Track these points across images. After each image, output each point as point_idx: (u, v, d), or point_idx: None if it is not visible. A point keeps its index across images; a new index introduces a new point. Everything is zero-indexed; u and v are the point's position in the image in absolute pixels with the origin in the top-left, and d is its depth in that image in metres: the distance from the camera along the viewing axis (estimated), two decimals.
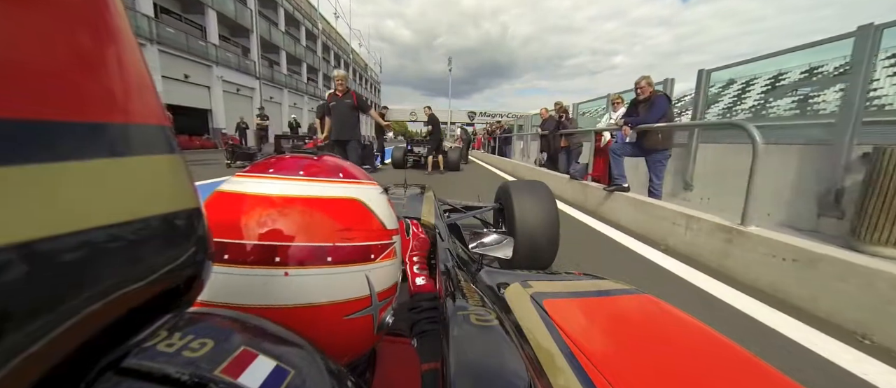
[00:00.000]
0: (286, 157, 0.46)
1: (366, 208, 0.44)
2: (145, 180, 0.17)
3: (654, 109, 3.73)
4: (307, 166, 0.44)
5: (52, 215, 0.13)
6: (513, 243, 1.81)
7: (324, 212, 0.41)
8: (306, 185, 0.42)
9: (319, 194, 0.42)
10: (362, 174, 0.49)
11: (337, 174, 0.45)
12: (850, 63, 3.31)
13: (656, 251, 2.91)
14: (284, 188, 0.41)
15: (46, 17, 0.14)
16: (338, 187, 0.43)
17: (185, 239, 0.19)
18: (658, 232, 3.20)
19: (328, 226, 0.40)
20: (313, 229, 0.40)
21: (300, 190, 0.41)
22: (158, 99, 0.19)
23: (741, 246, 2.38)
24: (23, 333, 0.13)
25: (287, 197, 0.40)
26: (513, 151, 12.54)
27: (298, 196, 0.41)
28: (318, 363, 0.28)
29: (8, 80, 0.12)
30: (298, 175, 0.43)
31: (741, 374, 0.50)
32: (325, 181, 0.43)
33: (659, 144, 3.79)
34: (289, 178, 0.42)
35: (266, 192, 0.40)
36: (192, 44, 16.85)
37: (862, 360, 1.45)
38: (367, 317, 0.43)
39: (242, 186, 0.41)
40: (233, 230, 0.38)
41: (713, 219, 2.70)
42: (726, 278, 2.32)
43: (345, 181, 0.44)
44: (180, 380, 0.21)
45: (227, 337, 0.26)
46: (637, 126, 3.85)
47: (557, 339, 0.53)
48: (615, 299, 0.72)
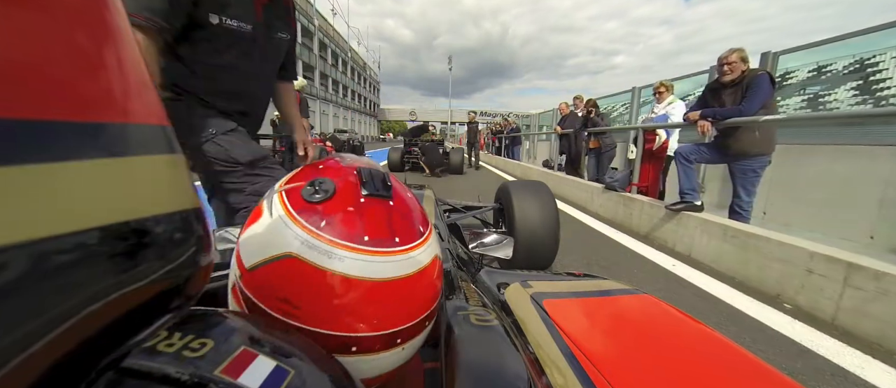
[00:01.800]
0: (363, 206, 0.37)
1: (441, 261, 0.42)
2: (145, 180, 0.17)
3: (754, 95, 2.51)
4: (395, 226, 0.38)
5: (53, 215, 0.13)
6: (513, 243, 1.81)
7: (426, 283, 0.39)
8: (402, 260, 0.36)
9: (419, 265, 0.38)
10: (421, 208, 0.44)
11: (418, 230, 0.39)
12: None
13: (780, 314, 1.82)
14: (386, 271, 0.35)
15: (47, 17, 0.14)
16: (422, 253, 0.39)
17: (184, 239, 0.19)
18: (770, 279, 2.08)
19: (429, 295, 0.39)
20: (420, 303, 0.38)
21: (398, 270, 0.36)
22: (159, 99, 0.19)
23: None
24: (23, 333, 0.13)
25: (394, 281, 0.36)
26: (521, 152, 11.41)
27: (407, 275, 0.36)
28: (318, 363, 0.28)
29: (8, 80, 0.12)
30: (395, 245, 0.36)
31: (741, 374, 0.50)
32: (413, 248, 0.38)
33: (755, 146, 2.58)
34: (388, 252, 0.36)
35: (369, 276, 0.34)
36: None
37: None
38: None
39: (344, 264, 0.34)
40: (334, 321, 0.34)
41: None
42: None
43: (426, 239, 0.40)
44: (180, 380, 0.21)
45: (227, 337, 0.26)
46: (723, 120, 2.66)
47: (557, 339, 0.53)
48: (615, 300, 0.72)
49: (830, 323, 1.75)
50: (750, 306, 1.89)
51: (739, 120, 2.57)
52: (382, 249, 0.35)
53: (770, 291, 2.07)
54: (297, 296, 0.34)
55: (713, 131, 2.81)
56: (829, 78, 3.59)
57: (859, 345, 1.57)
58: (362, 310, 0.35)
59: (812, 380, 1.35)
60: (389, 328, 0.36)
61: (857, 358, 1.48)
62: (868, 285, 1.64)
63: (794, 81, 3.88)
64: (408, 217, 0.40)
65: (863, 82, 3.29)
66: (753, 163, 2.64)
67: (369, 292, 0.34)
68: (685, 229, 2.86)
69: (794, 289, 1.94)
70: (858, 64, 3.32)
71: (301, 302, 0.34)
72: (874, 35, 3.08)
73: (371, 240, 0.35)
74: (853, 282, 1.69)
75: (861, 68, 3.29)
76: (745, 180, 2.69)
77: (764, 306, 1.90)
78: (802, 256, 1.93)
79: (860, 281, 1.67)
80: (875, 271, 1.62)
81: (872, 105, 3.21)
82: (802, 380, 1.34)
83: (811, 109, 3.74)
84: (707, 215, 2.75)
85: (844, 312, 1.72)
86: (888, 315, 1.56)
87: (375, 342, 0.36)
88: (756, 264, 2.18)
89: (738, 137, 2.64)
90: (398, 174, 2.23)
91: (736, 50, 2.67)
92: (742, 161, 2.67)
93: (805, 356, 1.49)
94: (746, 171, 2.67)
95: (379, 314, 0.35)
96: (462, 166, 8.77)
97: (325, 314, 0.34)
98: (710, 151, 2.84)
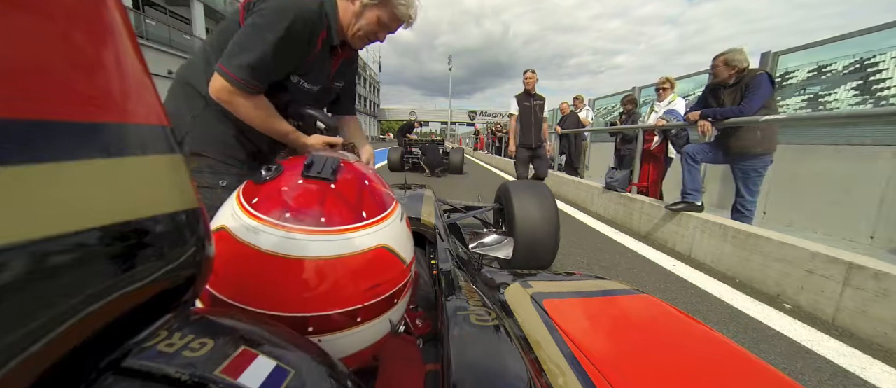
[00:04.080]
0: (299, 186, 0.39)
1: (391, 254, 0.40)
2: (145, 180, 0.17)
3: (753, 95, 2.54)
4: (327, 206, 0.38)
5: (53, 215, 0.13)
6: (513, 243, 1.81)
7: (352, 272, 0.37)
8: (331, 240, 0.37)
9: (346, 251, 0.37)
10: (380, 197, 0.43)
11: (360, 214, 0.39)
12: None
13: (780, 314, 1.83)
14: (308, 249, 0.35)
15: (47, 18, 0.14)
16: (364, 236, 0.38)
17: (184, 239, 0.19)
18: (770, 279, 2.09)
19: (357, 287, 0.37)
20: (342, 293, 0.37)
21: (325, 250, 0.36)
22: (159, 99, 0.19)
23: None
24: (23, 333, 0.13)
25: (315, 261, 0.35)
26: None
27: (325, 258, 0.36)
28: (318, 363, 0.28)
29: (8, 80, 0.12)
30: (320, 225, 0.37)
31: (741, 374, 0.50)
32: (349, 230, 0.38)
33: (756, 146, 2.60)
34: (311, 230, 0.36)
35: (290, 253, 0.35)
36: (177, 38, 16.07)
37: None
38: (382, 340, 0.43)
39: (257, 237, 0.35)
40: (261, 298, 0.35)
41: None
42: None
43: (369, 224, 0.39)
44: (180, 380, 0.21)
45: (227, 337, 0.26)
46: (724, 120, 2.67)
47: (557, 339, 0.53)
48: (615, 299, 0.72)
49: (831, 323, 1.76)
50: (750, 307, 1.90)
51: (739, 120, 2.60)
52: (303, 226, 0.35)
53: (770, 291, 2.08)
54: (224, 268, 0.34)
55: (714, 131, 2.82)
56: (829, 78, 3.59)
57: (860, 345, 1.57)
58: (285, 286, 0.34)
59: (812, 380, 1.35)
60: (321, 308, 0.35)
61: (857, 358, 1.48)
62: (868, 285, 1.65)
63: (794, 81, 3.89)
64: (348, 201, 0.39)
65: (863, 82, 3.30)
66: (756, 162, 2.65)
67: (289, 268, 0.34)
68: (685, 229, 2.86)
69: (795, 289, 1.96)
70: (858, 64, 3.33)
71: (227, 273, 0.34)
72: (874, 35, 3.08)
73: (292, 217, 0.35)
74: (853, 282, 1.71)
75: (861, 68, 3.30)
76: (747, 180, 2.70)
77: (764, 306, 1.91)
78: (803, 256, 1.94)
79: (860, 281, 1.68)
80: (875, 271, 1.63)
81: (872, 105, 3.21)
82: (802, 380, 1.34)
83: (811, 109, 3.73)
84: (707, 215, 2.74)
85: (845, 312, 1.72)
86: (888, 315, 1.57)
87: (321, 321, 0.36)
88: (756, 264, 2.18)
89: (740, 137, 2.66)
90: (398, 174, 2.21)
91: (736, 50, 2.68)
92: (745, 161, 2.67)
93: (805, 356, 1.49)
94: (749, 171, 2.68)
95: (304, 291, 0.35)
96: (462, 166, 8.74)
97: (250, 289, 0.34)
98: (714, 152, 2.84)
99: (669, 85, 4.03)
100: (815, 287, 1.86)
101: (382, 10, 0.97)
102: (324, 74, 1.06)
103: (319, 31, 0.95)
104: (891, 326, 1.55)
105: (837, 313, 1.75)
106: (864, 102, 3.30)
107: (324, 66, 1.04)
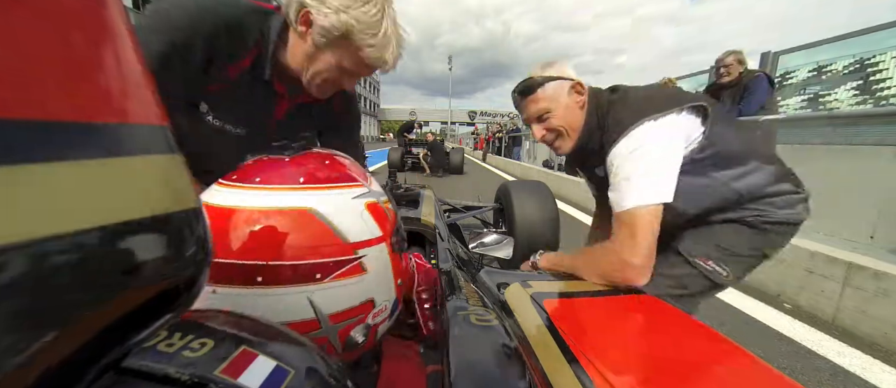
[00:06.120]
0: (265, 159, 0.44)
1: (319, 221, 0.39)
2: (145, 180, 0.17)
3: (752, 95, 2.57)
4: (268, 170, 0.41)
5: (51, 215, 0.13)
6: (513, 243, 1.81)
7: (262, 226, 0.37)
8: (254, 194, 0.39)
9: (263, 205, 0.38)
10: (330, 172, 0.43)
11: (297, 179, 0.40)
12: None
13: (780, 314, 1.82)
14: (228, 199, 0.38)
15: (45, 16, 0.14)
16: (289, 196, 0.39)
17: (184, 239, 0.19)
18: (770, 279, 2.09)
19: (263, 242, 0.37)
20: (246, 245, 0.37)
21: (243, 201, 0.38)
22: (158, 99, 0.19)
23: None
24: (22, 333, 0.13)
25: (223, 209, 0.38)
26: (521, 152, 11.11)
27: (238, 208, 0.38)
28: (318, 364, 0.28)
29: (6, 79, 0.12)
30: (254, 183, 0.40)
31: (741, 374, 0.50)
32: (279, 190, 0.39)
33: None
34: (247, 186, 0.39)
35: (226, 203, 0.38)
36: None
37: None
38: (320, 339, 0.40)
39: (212, 196, 0.40)
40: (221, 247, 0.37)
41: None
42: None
43: (304, 187, 0.40)
44: (180, 380, 0.21)
45: (227, 337, 0.26)
46: None
47: (557, 339, 0.53)
48: (615, 299, 0.72)
49: (831, 323, 1.76)
50: (750, 306, 1.90)
51: (739, 120, 2.61)
52: (243, 184, 0.40)
53: (770, 291, 2.07)
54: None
55: None
56: (829, 78, 3.58)
57: (859, 345, 1.58)
58: (220, 233, 0.37)
59: (812, 380, 1.35)
60: (243, 257, 0.37)
61: (857, 358, 1.48)
62: (868, 285, 1.65)
63: (794, 81, 3.88)
64: (290, 169, 0.42)
65: (863, 82, 3.30)
66: None
67: (223, 215, 0.38)
68: None
69: (795, 289, 1.95)
70: (858, 64, 3.33)
71: None
72: (874, 35, 3.08)
73: (238, 179, 0.41)
74: (853, 282, 1.72)
75: (861, 68, 3.30)
76: None
77: (764, 306, 1.91)
78: (803, 256, 1.93)
79: (860, 281, 1.68)
80: (875, 271, 1.64)
81: (872, 105, 3.21)
82: (802, 380, 1.34)
83: (811, 109, 3.73)
84: None
85: (845, 312, 1.73)
86: (888, 315, 1.57)
87: (227, 270, 0.36)
88: None
89: None
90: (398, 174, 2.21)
91: (734, 52, 2.73)
92: None
93: (805, 356, 1.49)
94: None
95: (234, 240, 0.37)
96: (462, 166, 8.77)
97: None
98: None
99: (671, 82, 4.02)
100: (815, 287, 1.86)
101: (341, 53, 0.70)
102: (256, 115, 0.81)
103: (235, 53, 0.72)
104: (891, 326, 1.56)
105: (837, 313, 1.75)
106: (864, 102, 3.30)
107: (250, 102, 0.79)
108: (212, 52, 0.70)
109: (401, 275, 0.48)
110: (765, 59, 3.81)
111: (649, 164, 0.76)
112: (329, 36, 0.68)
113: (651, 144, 0.76)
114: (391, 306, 0.47)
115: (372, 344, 0.46)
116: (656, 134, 0.77)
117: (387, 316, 0.46)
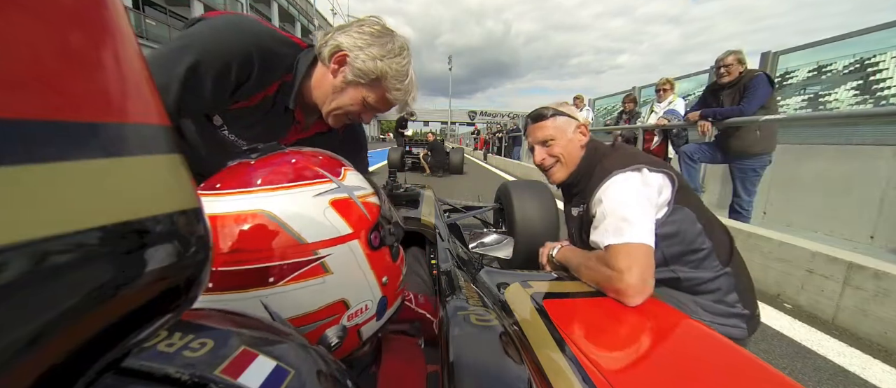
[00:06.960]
0: (233, 164, 0.43)
1: (273, 223, 0.38)
2: (145, 180, 0.17)
3: (752, 95, 2.57)
4: (228, 177, 0.41)
5: (51, 216, 0.13)
6: (513, 243, 1.81)
7: (222, 233, 0.37)
8: (211, 201, 0.38)
9: (217, 210, 0.38)
10: (291, 172, 0.42)
11: (255, 182, 0.40)
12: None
13: (780, 314, 1.83)
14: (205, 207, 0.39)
15: (45, 15, 0.14)
16: (244, 200, 0.38)
17: (185, 239, 0.19)
18: (770, 279, 2.09)
19: (214, 248, 0.36)
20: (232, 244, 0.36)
21: (210, 208, 0.37)
22: (158, 98, 0.19)
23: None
24: (22, 333, 0.13)
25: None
26: (521, 152, 10.89)
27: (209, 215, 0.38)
28: (318, 363, 0.28)
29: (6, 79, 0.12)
30: (214, 189, 0.39)
31: (741, 374, 0.50)
32: (233, 193, 0.39)
33: (755, 145, 2.61)
34: (207, 193, 0.39)
35: None
36: None
37: None
38: None
39: None
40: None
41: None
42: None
43: (259, 190, 0.39)
44: (180, 380, 0.21)
45: (227, 337, 0.26)
46: (723, 120, 2.68)
47: (557, 338, 0.53)
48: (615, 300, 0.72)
49: (831, 323, 1.76)
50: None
51: (739, 120, 2.59)
52: (204, 190, 0.40)
53: (770, 291, 2.08)
54: None
55: (714, 131, 2.81)
56: (829, 78, 3.58)
57: (860, 345, 1.58)
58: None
59: (812, 380, 1.35)
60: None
61: (857, 358, 1.48)
62: (868, 285, 1.65)
63: (794, 80, 3.88)
64: (248, 172, 0.42)
65: (863, 82, 3.30)
66: (754, 162, 2.66)
67: None
68: None
69: (795, 289, 1.96)
70: (858, 64, 3.33)
71: None
72: (874, 35, 3.08)
73: (204, 187, 0.41)
74: (853, 282, 1.71)
75: (861, 68, 3.30)
76: (745, 180, 2.71)
77: (764, 306, 1.91)
78: (803, 256, 1.94)
79: (860, 281, 1.69)
80: (875, 271, 1.64)
81: (872, 105, 3.21)
82: (802, 380, 1.34)
83: (811, 109, 3.72)
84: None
85: (845, 311, 1.73)
86: (888, 315, 1.58)
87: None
88: (757, 264, 2.17)
89: (739, 137, 2.66)
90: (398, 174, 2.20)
91: (733, 52, 2.71)
92: (743, 160, 2.69)
93: (805, 356, 1.49)
94: (747, 170, 2.69)
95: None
96: (462, 166, 8.73)
97: None
98: (712, 151, 2.85)
99: (669, 86, 4.07)
100: (815, 287, 1.86)
101: (371, 90, 0.77)
102: (269, 137, 0.82)
103: (265, 81, 0.76)
104: (891, 325, 1.56)
105: (837, 312, 1.75)
106: (864, 102, 3.30)
107: (267, 125, 0.84)
108: (244, 78, 0.73)
109: (385, 272, 0.45)
110: (765, 59, 3.81)
111: (628, 208, 0.80)
112: (364, 77, 0.76)
113: (629, 190, 0.83)
114: (376, 305, 0.44)
115: (357, 345, 0.44)
116: (633, 182, 0.84)
117: (371, 316, 0.44)
